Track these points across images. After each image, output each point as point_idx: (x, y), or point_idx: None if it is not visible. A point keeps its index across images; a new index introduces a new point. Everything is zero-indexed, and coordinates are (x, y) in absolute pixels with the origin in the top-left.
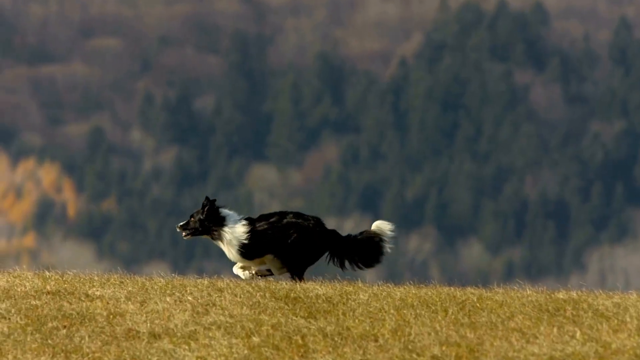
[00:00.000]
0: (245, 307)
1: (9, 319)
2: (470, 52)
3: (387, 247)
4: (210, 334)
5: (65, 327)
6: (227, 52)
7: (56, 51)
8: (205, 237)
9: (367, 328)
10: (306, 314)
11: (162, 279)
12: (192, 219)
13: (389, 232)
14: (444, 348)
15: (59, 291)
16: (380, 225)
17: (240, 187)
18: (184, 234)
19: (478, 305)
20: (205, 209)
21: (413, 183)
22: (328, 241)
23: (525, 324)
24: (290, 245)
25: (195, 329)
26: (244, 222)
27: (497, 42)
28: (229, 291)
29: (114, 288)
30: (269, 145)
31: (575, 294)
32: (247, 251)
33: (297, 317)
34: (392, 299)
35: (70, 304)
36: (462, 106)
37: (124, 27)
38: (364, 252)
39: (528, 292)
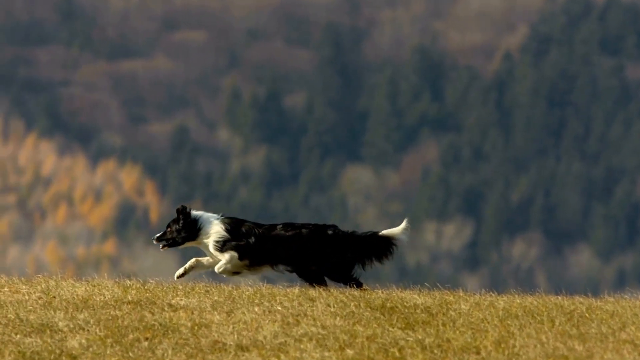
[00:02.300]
0: (338, 318)
1: (88, 330)
2: (579, 45)
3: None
4: (302, 346)
5: (147, 339)
6: (319, 46)
7: (138, 45)
8: (187, 245)
9: (469, 340)
10: (403, 325)
11: (250, 288)
12: (168, 229)
13: (401, 235)
14: None
15: (141, 301)
16: (392, 231)
17: (333, 189)
18: (160, 245)
19: (587, 315)
20: (181, 219)
21: (518, 185)
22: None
23: (638, 335)
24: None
25: (285, 341)
26: (221, 220)
27: (608, 34)
28: (322, 301)
29: (199, 297)
30: (363, 145)
31: None
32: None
33: (393, 328)
34: (495, 309)
35: (153, 314)
36: (570, 103)
37: (209, 19)
38: (373, 249)
39: None
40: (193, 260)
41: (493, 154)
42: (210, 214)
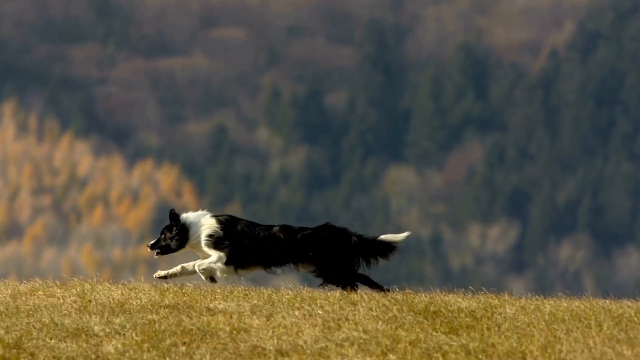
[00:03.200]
0: (380, 322)
1: (124, 334)
2: (628, 42)
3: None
4: (343, 351)
5: (184, 343)
6: (361, 43)
7: (175, 43)
8: (183, 250)
9: (514, 344)
10: (447, 329)
11: (290, 291)
12: (162, 236)
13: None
14: None
15: (178, 305)
16: (392, 237)
17: (376, 190)
18: (154, 253)
19: (636, 319)
20: (173, 225)
21: (565, 186)
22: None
23: None
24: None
25: (326, 346)
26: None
27: None
28: (363, 304)
29: (238, 301)
30: (406, 145)
31: None
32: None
33: (437, 332)
34: (541, 313)
35: (190, 318)
36: (619, 101)
37: (248, 16)
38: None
39: None
40: (179, 267)
41: (539, 153)
42: (200, 212)
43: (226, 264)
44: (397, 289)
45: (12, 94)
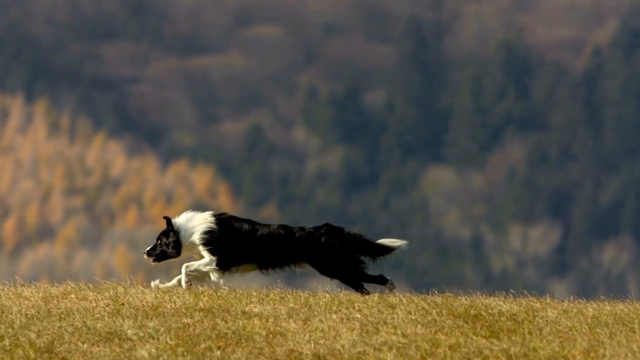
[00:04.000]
0: (419, 326)
1: (158, 338)
2: None
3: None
4: (381, 356)
5: (219, 348)
6: (400, 41)
7: (210, 41)
8: (181, 256)
9: (556, 349)
10: (488, 333)
11: (327, 294)
12: (158, 242)
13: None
14: None
15: (213, 308)
16: (390, 243)
17: (415, 191)
18: (151, 260)
19: None
20: (170, 231)
21: (608, 187)
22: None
23: None
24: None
25: (364, 350)
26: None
27: None
28: (402, 308)
29: (274, 304)
30: (446, 145)
31: None
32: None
33: (477, 336)
34: (583, 317)
35: (226, 322)
36: None
37: (285, 13)
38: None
39: None
40: (175, 280)
41: (582, 154)
42: (189, 214)
43: (217, 266)
44: (437, 292)
45: (43, 93)
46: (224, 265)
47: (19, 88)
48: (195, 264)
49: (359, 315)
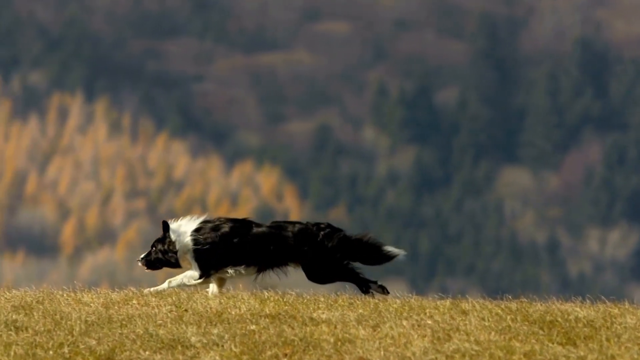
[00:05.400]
0: (493, 333)
1: (222, 345)
2: None
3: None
4: None
5: (286, 355)
6: (473, 38)
7: (276, 38)
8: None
9: (635, 356)
10: (564, 340)
11: (397, 300)
12: (153, 249)
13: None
14: None
15: (279, 314)
16: (389, 250)
17: (489, 193)
18: (145, 267)
19: None
20: (166, 237)
21: None
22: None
23: None
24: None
25: (436, 358)
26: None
27: None
28: (475, 314)
29: (343, 310)
30: (521, 145)
31: None
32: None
33: (553, 343)
34: None
35: (292, 328)
36: None
37: (354, 8)
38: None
39: None
40: (166, 283)
41: None
42: (182, 221)
43: (200, 278)
44: (511, 298)
45: (104, 92)
46: (207, 274)
47: (79, 87)
48: (177, 279)
49: (430, 322)
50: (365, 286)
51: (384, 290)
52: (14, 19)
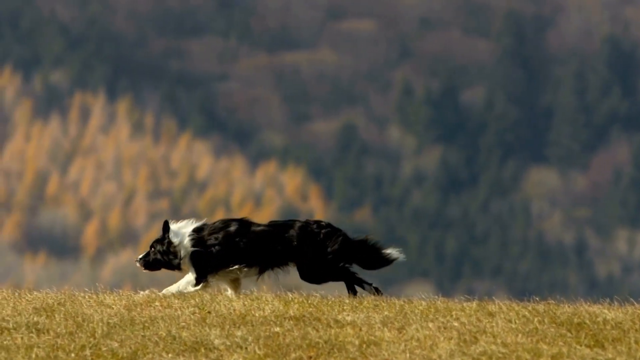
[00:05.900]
0: (520, 335)
1: (246, 348)
2: None
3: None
4: None
5: (310, 357)
6: (499, 36)
7: (300, 36)
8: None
9: None
10: (592, 342)
11: (423, 302)
12: (152, 249)
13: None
14: None
15: (304, 316)
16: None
17: (516, 193)
18: (143, 267)
19: None
20: (165, 237)
21: None
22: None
23: None
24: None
25: None
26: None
27: None
28: (502, 316)
29: (368, 312)
30: (548, 145)
31: None
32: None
33: (581, 345)
34: None
35: (317, 331)
36: None
37: (379, 7)
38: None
39: None
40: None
41: None
42: (181, 223)
43: (197, 283)
44: (539, 299)
45: (126, 91)
46: (203, 279)
47: (101, 86)
48: (173, 287)
49: (456, 324)
50: (359, 285)
51: (377, 292)
52: (35, 18)
